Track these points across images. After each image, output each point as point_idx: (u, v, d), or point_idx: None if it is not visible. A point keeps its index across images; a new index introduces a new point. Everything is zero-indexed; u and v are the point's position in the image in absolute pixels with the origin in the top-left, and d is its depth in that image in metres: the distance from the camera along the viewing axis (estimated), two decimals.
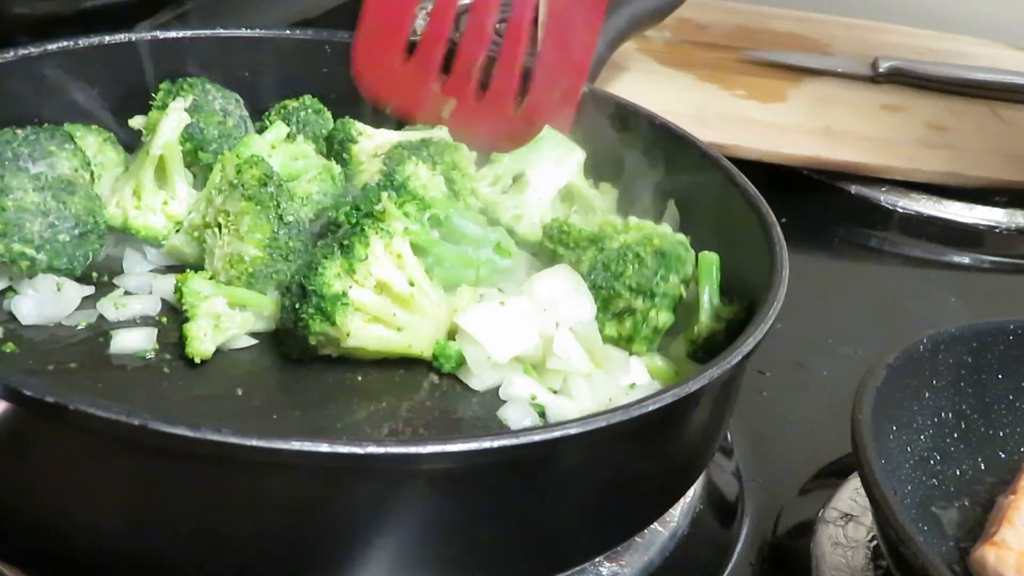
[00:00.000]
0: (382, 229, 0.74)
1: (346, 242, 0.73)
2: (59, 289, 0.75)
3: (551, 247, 0.81)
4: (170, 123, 0.82)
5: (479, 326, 0.73)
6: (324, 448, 0.51)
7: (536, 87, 0.91)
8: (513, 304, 0.75)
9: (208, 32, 0.90)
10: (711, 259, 0.78)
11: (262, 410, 0.69)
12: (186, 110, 0.84)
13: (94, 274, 0.78)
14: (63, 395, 0.52)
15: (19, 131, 0.77)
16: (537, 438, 0.54)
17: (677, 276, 0.76)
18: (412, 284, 0.74)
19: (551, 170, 0.88)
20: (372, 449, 0.52)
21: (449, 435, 0.68)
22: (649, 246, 0.76)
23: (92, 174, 0.79)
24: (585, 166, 0.89)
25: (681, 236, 0.79)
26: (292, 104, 0.90)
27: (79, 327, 0.74)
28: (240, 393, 0.70)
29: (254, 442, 0.51)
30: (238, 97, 0.88)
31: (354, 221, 0.75)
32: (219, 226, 0.77)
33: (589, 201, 0.89)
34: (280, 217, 0.76)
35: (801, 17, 1.49)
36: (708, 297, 0.76)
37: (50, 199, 0.75)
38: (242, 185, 0.77)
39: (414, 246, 0.76)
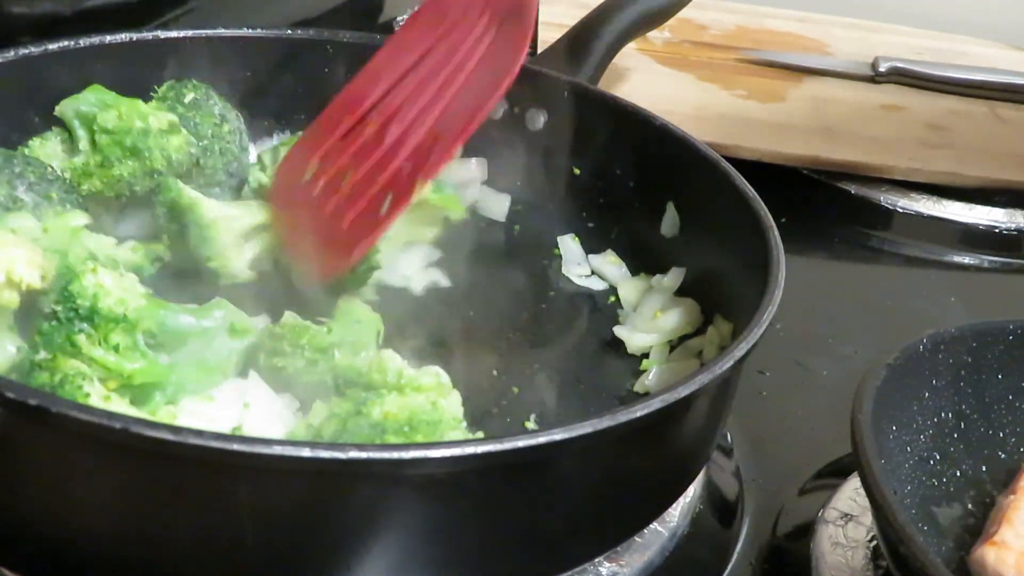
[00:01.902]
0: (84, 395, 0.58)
1: None
2: None
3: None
4: None
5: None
6: (305, 453, 0.51)
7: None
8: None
9: (208, 32, 0.90)
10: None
11: None
12: (185, 107, 0.83)
13: None
14: (45, 398, 0.52)
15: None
16: (521, 443, 0.54)
17: None
18: None
19: None
20: (354, 454, 0.52)
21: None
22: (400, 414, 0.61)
23: None
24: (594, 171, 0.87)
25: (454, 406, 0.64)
26: None
27: None
28: None
29: (235, 446, 0.51)
30: (238, 114, 0.88)
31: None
32: None
33: None
34: None
35: (801, 17, 1.49)
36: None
37: None
38: None
39: (146, 387, 0.62)
